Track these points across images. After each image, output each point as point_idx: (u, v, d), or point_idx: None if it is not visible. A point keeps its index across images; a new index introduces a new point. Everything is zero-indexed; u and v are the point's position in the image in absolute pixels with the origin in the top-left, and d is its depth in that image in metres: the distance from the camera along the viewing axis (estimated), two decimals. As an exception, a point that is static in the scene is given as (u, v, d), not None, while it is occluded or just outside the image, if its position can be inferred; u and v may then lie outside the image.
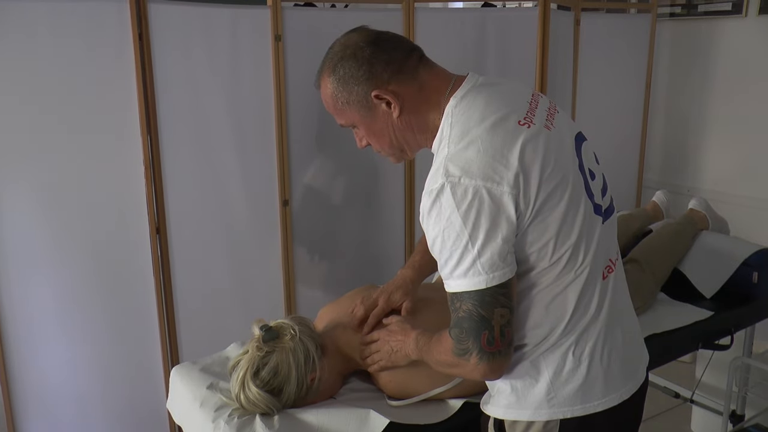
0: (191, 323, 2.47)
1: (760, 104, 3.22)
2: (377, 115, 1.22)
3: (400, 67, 1.19)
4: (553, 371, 1.19)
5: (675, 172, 3.67)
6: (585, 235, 1.16)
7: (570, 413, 1.20)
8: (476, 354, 1.12)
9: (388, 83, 1.19)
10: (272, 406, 1.44)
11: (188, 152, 2.36)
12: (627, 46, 3.41)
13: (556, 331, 1.18)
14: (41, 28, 2.08)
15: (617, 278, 1.27)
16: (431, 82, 1.21)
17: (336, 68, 1.23)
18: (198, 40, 2.30)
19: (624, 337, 1.26)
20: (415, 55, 1.22)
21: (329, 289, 2.71)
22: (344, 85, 1.22)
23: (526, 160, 1.10)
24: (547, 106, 1.25)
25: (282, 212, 2.55)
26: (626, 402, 1.25)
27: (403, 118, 1.22)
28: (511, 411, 1.24)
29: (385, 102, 1.20)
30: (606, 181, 1.29)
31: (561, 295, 1.17)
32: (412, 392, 1.51)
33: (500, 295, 1.10)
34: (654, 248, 2.24)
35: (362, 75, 1.19)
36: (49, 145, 2.18)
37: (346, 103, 1.24)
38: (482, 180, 1.06)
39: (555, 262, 1.15)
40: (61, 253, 2.26)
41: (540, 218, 1.11)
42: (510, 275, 1.10)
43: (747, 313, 2.22)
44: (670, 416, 2.99)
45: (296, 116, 2.51)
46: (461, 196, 1.06)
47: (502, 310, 1.10)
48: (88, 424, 2.41)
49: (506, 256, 1.09)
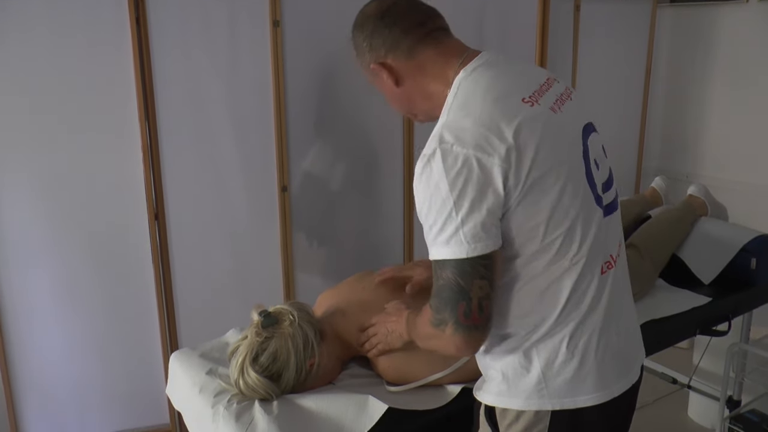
0: (190, 309, 2.47)
1: (759, 91, 3.22)
2: (382, 82, 1.27)
3: (396, 44, 1.22)
4: (545, 362, 1.19)
5: (674, 158, 3.66)
6: (581, 222, 1.15)
7: (559, 405, 1.19)
8: (452, 325, 1.11)
9: (385, 57, 1.23)
10: (271, 391, 1.44)
11: (187, 139, 2.36)
12: (627, 33, 3.40)
13: (548, 320, 1.17)
14: (38, 13, 2.07)
15: (618, 276, 1.25)
16: (436, 58, 1.22)
17: (353, 35, 1.29)
18: (196, 27, 2.29)
19: (621, 335, 1.25)
20: (419, 32, 1.22)
21: (328, 275, 2.72)
22: (356, 52, 1.30)
23: (521, 137, 1.09)
24: (561, 92, 1.23)
25: (281, 198, 2.55)
26: (618, 398, 1.24)
27: (402, 89, 1.25)
28: (502, 399, 1.24)
29: (384, 73, 1.24)
30: (612, 177, 1.27)
31: (555, 284, 1.16)
32: (410, 378, 1.52)
33: (480, 266, 1.08)
34: (653, 234, 2.24)
35: (365, 47, 1.25)
36: (47, 133, 2.18)
37: (361, 67, 1.30)
38: (474, 149, 1.06)
39: (546, 246, 1.14)
40: (60, 241, 2.26)
41: (531, 198, 1.10)
42: (493, 248, 1.09)
43: (744, 299, 2.22)
44: (667, 402, 3.01)
45: (295, 102, 2.50)
46: (451, 164, 1.06)
47: (481, 282, 1.09)
48: (88, 410, 2.42)
49: (490, 228, 1.08)
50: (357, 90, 2.63)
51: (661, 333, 1.96)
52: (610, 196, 1.25)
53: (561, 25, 3.02)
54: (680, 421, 2.95)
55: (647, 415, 2.86)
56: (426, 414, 1.45)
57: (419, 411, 1.45)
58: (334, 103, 2.62)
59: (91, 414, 2.43)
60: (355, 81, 2.62)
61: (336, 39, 2.53)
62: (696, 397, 2.83)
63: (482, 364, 1.29)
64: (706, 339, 2.54)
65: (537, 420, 1.21)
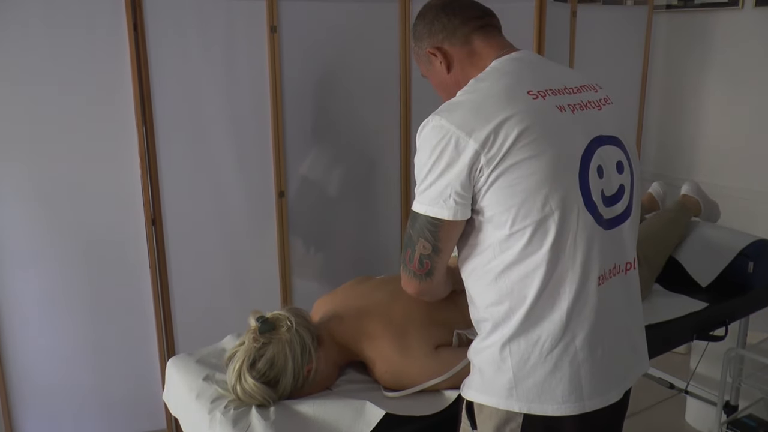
0: (187, 315, 2.47)
1: (755, 96, 3.23)
2: (435, 69, 1.37)
3: (454, 31, 1.33)
4: (518, 361, 1.20)
5: (671, 163, 3.67)
6: (558, 221, 1.15)
7: (527, 409, 1.20)
8: (403, 262, 1.30)
9: (442, 42, 1.34)
10: (268, 397, 1.44)
11: (184, 143, 2.36)
12: (623, 38, 3.41)
13: (518, 312, 1.19)
14: (35, 19, 2.07)
15: (613, 292, 1.24)
16: (482, 49, 1.32)
17: (414, 25, 1.40)
18: (193, 33, 2.30)
19: (610, 352, 1.24)
20: (475, 24, 1.33)
21: (325, 281, 2.72)
22: (416, 40, 1.40)
23: (508, 123, 1.15)
24: (589, 99, 1.27)
25: (278, 204, 2.55)
26: (598, 414, 1.23)
27: (452, 76, 1.35)
28: (480, 395, 1.26)
29: (438, 59, 1.35)
30: (624, 194, 1.26)
31: (527, 277, 1.17)
32: (407, 383, 1.52)
33: (427, 229, 1.22)
34: (648, 238, 2.24)
35: (425, 33, 1.36)
36: (44, 136, 2.18)
37: (417, 56, 1.41)
38: (456, 127, 1.16)
39: (516, 234, 1.16)
40: (57, 246, 2.26)
41: (504, 182, 1.15)
42: (444, 216, 1.19)
43: (741, 304, 2.22)
44: (665, 407, 3.01)
45: (292, 108, 2.51)
46: (436, 133, 1.18)
47: (425, 242, 1.23)
48: (84, 416, 2.42)
49: (448, 199, 1.18)
50: (354, 96, 2.64)
51: (659, 338, 1.96)
52: (615, 211, 1.24)
53: (558, 31, 3.03)
54: (678, 426, 2.95)
55: (645, 421, 2.86)
56: (423, 419, 1.45)
57: (416, 417, 1.45)
58: (332, 108, 2.63)
59: (88, 420, 2.42)
60: (352, 86, 2.63)
61: (333, 44, 2.55)
62: (693, 402, 2.83)
63: (469, 359, 1.32)
64: (704, 344, 2.55)
65: (509, 419, 1.23)
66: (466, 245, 1.26)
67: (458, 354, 1.50)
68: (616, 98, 1.34)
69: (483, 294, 1.24)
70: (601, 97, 1.30)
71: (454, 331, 1.57)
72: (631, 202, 1.29)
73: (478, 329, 1.30)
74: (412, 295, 1.33)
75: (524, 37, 2.86)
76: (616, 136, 1.27)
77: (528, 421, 1.21)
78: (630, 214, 1.29)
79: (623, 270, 1.28)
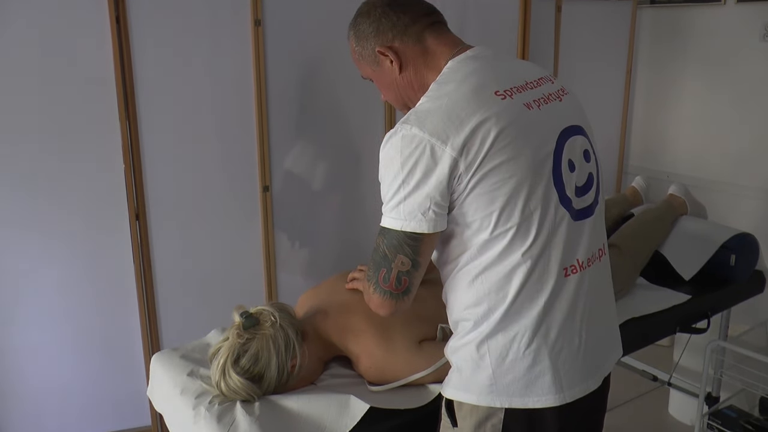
0: (171, 309, 2.46)
1: (738, 92, 3.25)
2: (384, 70, 1.32)
3: (405, 29, 1.28)
4: (496, 358, 1.20)
5: (655, 158, 3.69)
6: (538, 219, 1.16)
7: (508, 404, 1.21)
8: (374, 285, 1.22)
9: (392, 41, 1.28)
10: (253, 392, 1.44)
11: (167, 138, 2.34)
12: (608, 33, 3.43)
13: (497, 312, 1.19)
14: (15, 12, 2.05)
15: (590, 280, 1.25)
16: (436, 47, 1.28)
17: (355, 23, 1.33)
18: (177, 26, 2.28)
19: (587, 340, 1.24)
20: (425, 21, 1.29)
21: (310, 275, 2.71)
22: (359, 40, 1.32)
23: (482, 128, 1.13)
24: (550, 92, 1.26)
25: (262, 198, 2.54)
26: (579, 402, 1.24)
27: (404, 76, 1.30)
28: (459, 393, 1.26)
29: (388, 59, 1.29)
30: (593, 182, 1.27)
31: (506, 277, 1.17)
32: (391, 377, 1.52)
33: (407, 244, 1.17)
34: (634, 234, 2.26)
35: (371, 32, 1.29)
36: (26, 131, 2.16)
37: (361, 57, 1.34)
38: (430, 135, 1.12)
39: (498, 237, 1.16)
40: (40, 241, 2.24)
41: (484, 188, 1.13)
42: (424, 230, 1.15)
43: (723, 297, 2.25)
44: (648, 399, 3.03)
45: (276, 102, 2.50)
46: (407, 143, 1.13)
47: (404, 258, 1.18)
48: (68, 412, 2.40)
49: (427, 211, 1.14)
50: (339, 89, 2.63)
51: (642, 331, 1.98)
52: (586, 201, 1.25)
53: (542, 26, 3.04)
54: (661, 418, 2.98)
55: (628, 412, 2.89)
56: (407, 413, 1.46)
57: (401, 410, 1.45)
58: (316, 102, 2.62)
59: (72, 416, 2.41)
60: (337, 80, 2.62)
61: (317, 38, 2.54)
62: (676, 393, 2.86)
63: (447, 357, 1.32)
64: (687, 336, 2.57)
65: (490, 414, 1.23)
66: (441, 251, 1.25)
67: (442, 348, 1.49)
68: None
69: (460, 297, 1.24)
70: (559, 88, 1.30)
71: (438, 325, 1.58)
72: (598, 189, 1.30)
73: (454, 329, 1.29)
74: (384, 316, 1.26)
75: (509, 32, 2.87)
76: (579, 125, 1.28)
77: (510, 416, 1.22)
78: (599, 202, 1.30)
79: (598, 257, 1.29)
